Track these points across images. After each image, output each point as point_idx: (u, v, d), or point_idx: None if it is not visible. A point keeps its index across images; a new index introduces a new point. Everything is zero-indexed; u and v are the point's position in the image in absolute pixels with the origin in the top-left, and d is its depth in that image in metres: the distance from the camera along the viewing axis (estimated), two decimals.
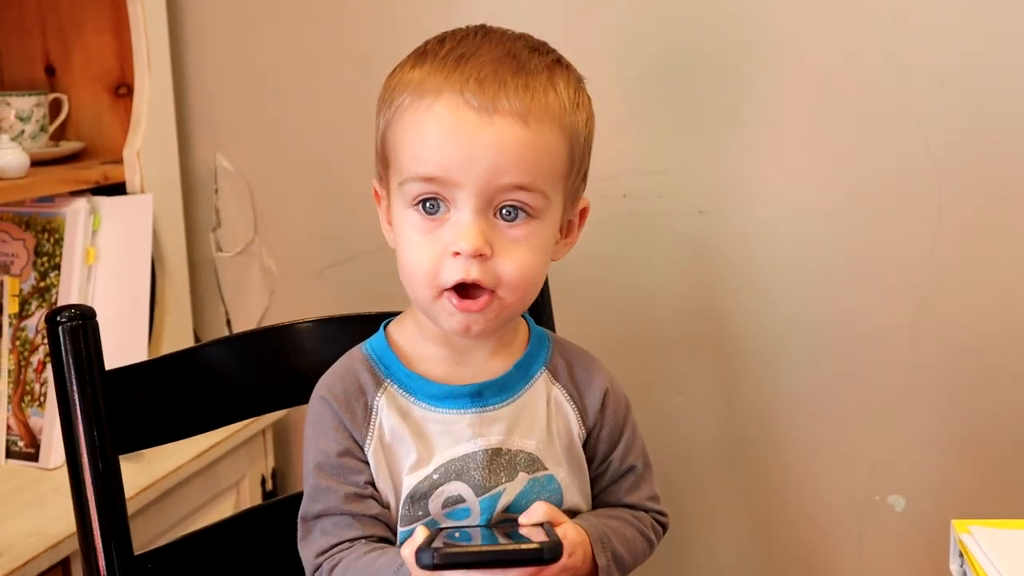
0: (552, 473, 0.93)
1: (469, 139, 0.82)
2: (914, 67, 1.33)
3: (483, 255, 0.84)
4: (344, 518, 0.91)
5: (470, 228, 0.84)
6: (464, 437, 0.91)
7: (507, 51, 0.87)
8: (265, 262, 1.63)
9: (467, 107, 0.83)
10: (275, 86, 1.57)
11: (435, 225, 0.85)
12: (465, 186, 0.83)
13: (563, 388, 0.96)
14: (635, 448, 0.99)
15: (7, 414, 1.40)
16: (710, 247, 1.44)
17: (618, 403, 0.98)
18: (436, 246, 0.85)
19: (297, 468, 1.67)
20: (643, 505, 0.99)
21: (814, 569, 1.50)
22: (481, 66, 0.84)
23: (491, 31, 0.90)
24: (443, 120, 0.83)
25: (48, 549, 1.14)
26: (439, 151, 0.83)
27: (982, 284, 1.36)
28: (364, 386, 0.93)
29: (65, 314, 0.94)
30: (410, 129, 0.85)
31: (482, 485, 0.91)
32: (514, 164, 0.83)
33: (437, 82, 0.84)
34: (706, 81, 1.41)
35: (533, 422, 0.93)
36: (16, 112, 1.48)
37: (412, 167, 0.85)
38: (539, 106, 0.85)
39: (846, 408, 1.43)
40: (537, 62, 0.87)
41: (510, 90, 0.83)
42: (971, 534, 0.92)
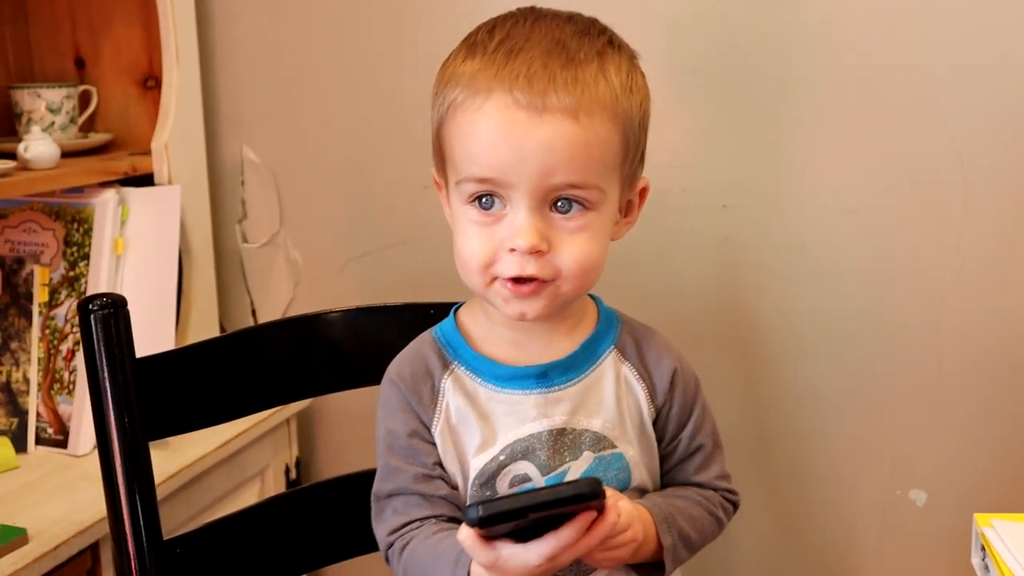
0: (621, 451, 0.94)
1: (520, 139, 0.83)
2: (940, 63, 1.33)
3: (540, 251, 0.85)
4: (414, 498, 0.93)
5: (526, 226, 0.85)
6: (529, 417, 0.92)
7: (556, 40, 0.86)
8: (290, 253, 1.64)
9: (517, 106, 0.83)
10: (301, 79, 1.58)
11: (491, 220, 0.87)
12: (519, 186, 0.84)
13: (632, 367, 0.96)
14: (704, 427, 1.00)
15: (37, 401, 1.41)
16: (733, 241, 1.45)
17: (687, 382, 0.98)
18: (492, 240, 0.87)
19: (320, 457, 1.68)
20: (712, 484, 1.00)
21: (834, 562, 1.50)
22: (530, 61, 0.84)
23: (541, 15, 0.90)
24: (494, 120, 0.84)
25: (78, 534, 1.16)
26: (491, 152, 0.84)
27: (1006, 281, 1.36)
28: (431, 368, 0.95)
29: (97, 302, 0.95)
30: (463, 128, 0.86)
31: (547, 464, 0.92)
32: (565, 163, 0.84)
33: (488, 79, 0.85)
34: (732, 78, 1.41)
35: (600, 401, 0.94)
36: (47, 104, 1.50)
37: (466, 168, 0.86)
38: (589, 99, 0.85)
39: (868, 403, 1.43)
40: (587, 49, 0.87)
41: (559, 85, 0.83)
42: (993, 528, 0.93)
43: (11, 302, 1.44)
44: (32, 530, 1.15)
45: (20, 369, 1.42)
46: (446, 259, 0.98)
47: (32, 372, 1.42)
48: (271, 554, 1.10)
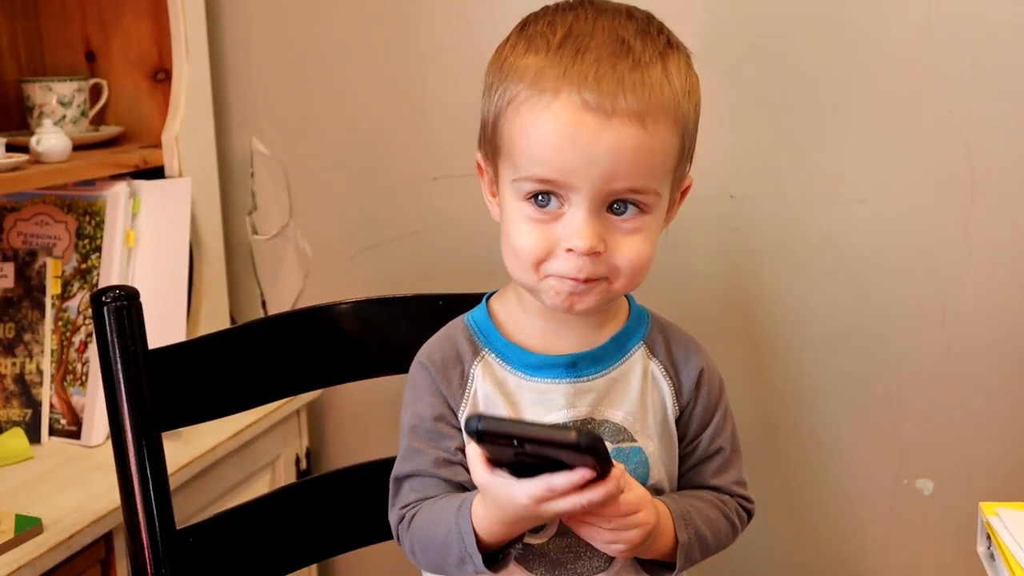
0: (640, 446, 0.94)
1: (587, 142, 0.82)
2: (947, 52, 1.34)
3: (597, 252, 0.85)
4: (432, 479, 0.94)
5: (585, 228, 0.84)
6: (557, 406, 0.93)
7: (620, 39, 0.85)
8: (300, 245, 1.65)
9: (585, 108, 0.82)
10: (311, 72, 1.59)
11: (548, 218, 0.86)
12: (581, 189, 0.84)
13: (660, 364, 0.97)
14: (725, 431, 1.00)
15: (50, 393, 1.43)
16: (740, 231, 1.45)
17: (712, 384, 0.99)
18: (549, 237, 0.86)
19: (330, 448, 1.70)
20: (728, 488, 1.00)
21: (841, 551, 1.51)
22: (598, 61, 0.83)
23: (601, 9, 0.89)
24: (562, 122, 0.83)
25: (91, 524, 1.17)
26: (557, 154, 0.83)
27: (1013, 270, 1.37)
28: (462, 354, 0.95)
29: (110, 294, 0.97)
30: (527, 127, 0.85)
31: None
32: (629, 169, 0.84)
33: (554, 77, 0.83)
34: (741, 69, 1.41)
35: (625, 394, 0.94)
36: (58, 97, 1.51)
37: (528, 167, 0.85)
38: (655, 104, 0.84)
39: (875, 392, 1.44)
40: (651, 50, 0.86)
41: (627, 88, 0.83)
42: (999, 516, 0.94)
43: (24, 294, 1.45)
44: (47, 520, 1.16)
45: (33, 360, 1.44)
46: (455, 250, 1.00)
47: (45, 364, 1.44)
48: (282, 543, 1.11)
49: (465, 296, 1.11)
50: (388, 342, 1.14)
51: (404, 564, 1.62)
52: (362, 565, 1.68)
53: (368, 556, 1.28)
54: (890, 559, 1.48)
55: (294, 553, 1.12)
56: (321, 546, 1.15)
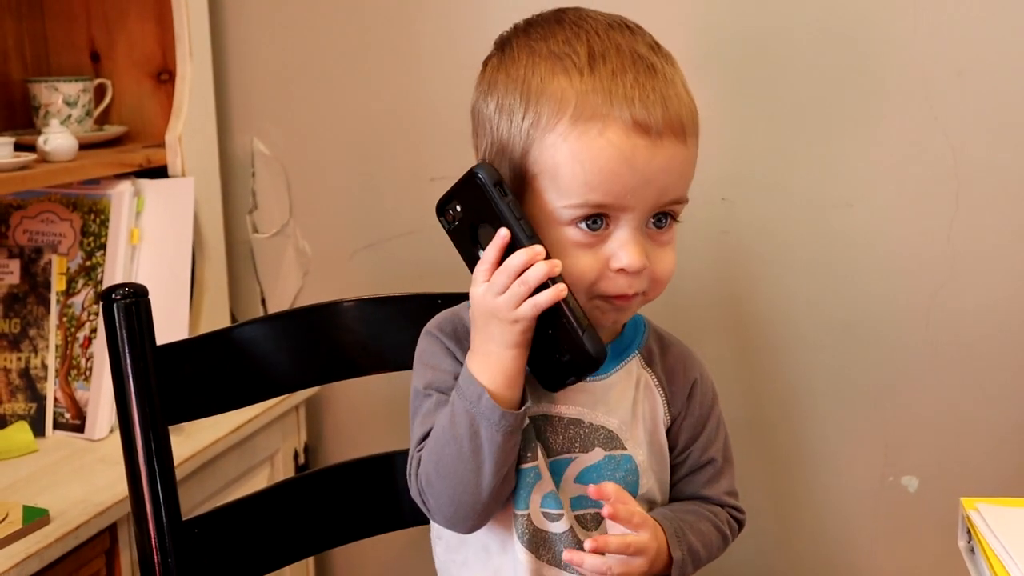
0: (631, 454, 0.95)
1: (643, 165, 0.84)
2: (933, 60, 1.37)
3: (645, 268, 0.87)
4: None
5: (634, 247, 0.86)
6: (548, 399, 0.94)
7: (639, 55, 0.87)
8: (300, 244, 1.68)
9: (637, 131, 0.84)
10: (311, 73, 1.62)
11: (596, 240, 0.87)
12: (635, 208, 0.86)
13: (653, 374, 0.98)
14: (717, 441, 1.01)
15: (54, 387, 1.46)
16: (732, 233, 1.48)
17: (705, 395, 1.00)
18: (598, 259, 0.87)
19: (328, 443, 1.72)
20: (719, 499, 1.01)
21: (828, 546, 1.54)
22: (636, 81, 0.85)
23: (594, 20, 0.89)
24: (617, 148, 0.84)
25: (97, 515, 1.20)
26: (615, 179, 0.84)
27: (996, 273, 1.40)
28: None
29: (120, 292, 0.99)
30: (581, 155, 0.85)
31: (554, 448, 0.94)
32: (676, 182, 0.87)
33: (601, 103, 0.84)
34: (730, 73, 1.44)
35: (620, 401, 0.96)
36: (63, 97, 1.54)
37: (582, 194, 0.85)
38: (688, 117, 0.88)
39: (861, 391, 1.47)
40: (668, 66, 0.88)
41: (668, 106, 0.85)
42: (978, 511, 0.96)
43: (29, 290, 1.48)
44: (53, 511, 1.19)
45: (38, 356, 1.47)
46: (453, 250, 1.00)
47: (50, 359, 1.46)
48: (283, 536, 1.14)
49: (463, 295, 1.13)
50: (385, 340, 1.17)
51: (399, 556, 1.67)
52: (358, 557, 1.71)
53: (364, 549, 1.30)
54: (876, 554, 1.52)
55: (294, 545, 1.15)
56: (320, 538, 1.17)
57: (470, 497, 0.88)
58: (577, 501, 0.94)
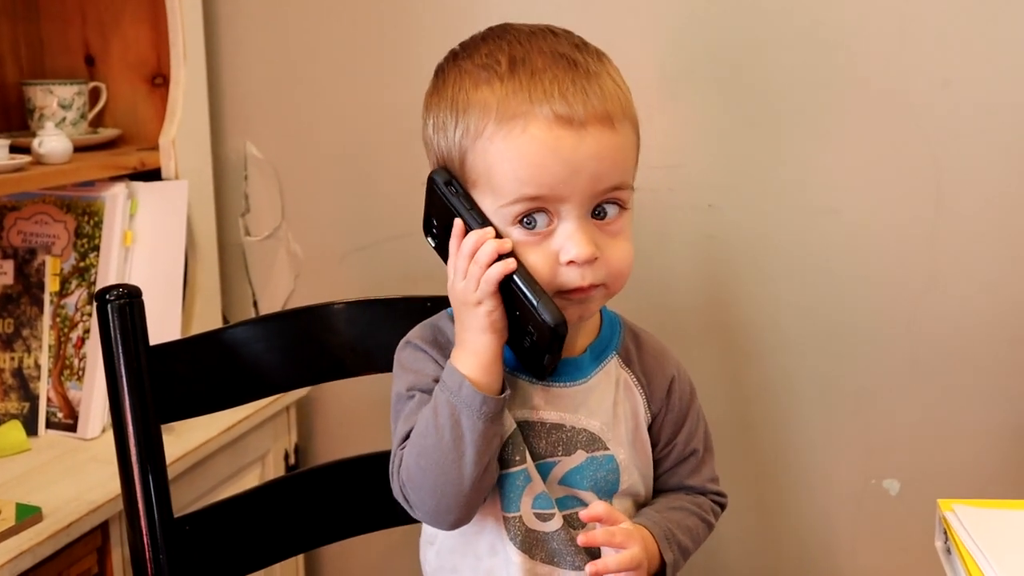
0: (612, 454, 0.97)
1: (569, 155, 0.87)
2: (918, 71, 1.39)
3: (595, 258, 0.89)
4: None
5: (580, 236, 0.88)
6: (527, 404, 0.96)
7: (562, 55, 0.90)
8: (291, 246, 1.70)
9: (559, 123, 0.87)
10: (304, 78, 1.64)
11: (540, 237, 0.89)
12: (570, 198, 0.88)
13: (632, 373, 1.00)
14: (698, 433, 1.04)
15: (47, 387, 1.47)
16: (718, 239, 1.50)
17: (684, 390, 1.03)
18: (547, 256, 0.89)
19: (318, 444, 1.74)
20: (703, 487, 1.05)
21: (811, 548, 1.56)
22: (557, 78, 0.88)
23: (528, 32, 0.93)
24: (542, 141, 0.87)
25: (89, 512, 1.21)
26: (543, 171, 0.87)
27: (977, 279, 1.42)
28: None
29: (114, 292, 1.01)
30: (507, 153, 0.88)
31: (538, 453, 0.96)
32: (610, 169, 0.89)
33: (521, 102, 0.87)
34: (719, 83, 1.46)
35: (600, 403, 0.98)
36: (58, 100, 1.55)
37: (515, 189, 0.88)
38: (614, 105, 0.89)
39: (845, 394, 1.49)
40: (592, 60, 0.91)
41: (591, 97, 0.88)
42: (955, 513, 0.98)
43: (23, 291, 1.49)
44: (46, 509, 1.20)
45: (31, 355, 1.48)
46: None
47: (43, 358, 1.48)
48: (274, 533, 1.16)
49: None
50: (375, 342, 1.18)
51: (388, 555, 1.68)
52: (347, 555, 1.72)
53: (353, 547, 1.32)
54: (857, 555, 1.54)
55: (284, 542, 1.17)
56: (310, 536, 1.19)
57: (452, 488, 0.90)
58: (563, 501, 0.97)
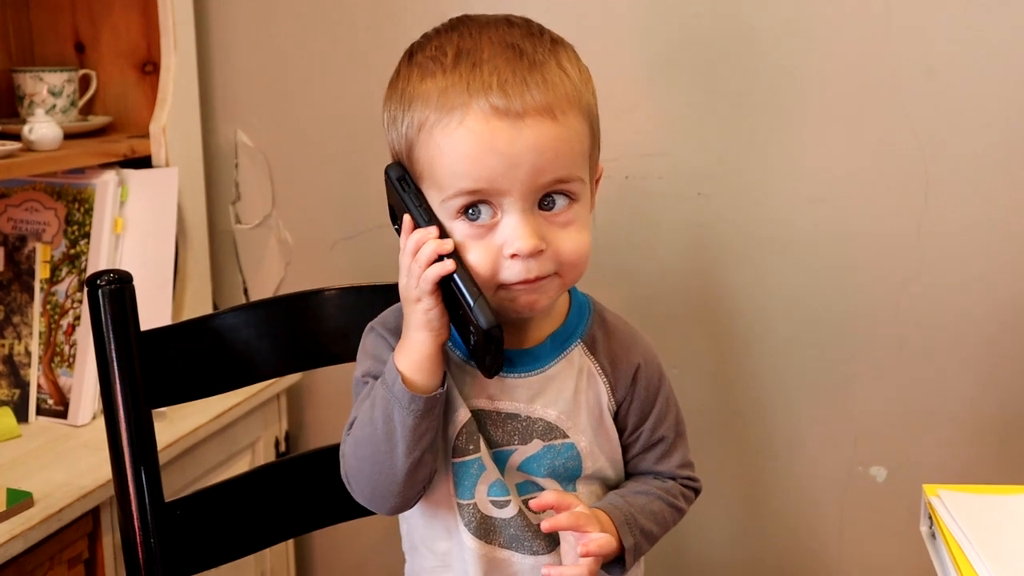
0: (573, 442, 0.98)
1: (506, 146, 0.86)
2: (903, 60, 1.40)
3: (540, 251, 0.88)
4: None
5: (523, 229, 0.88)
6: (485, 395, 0.97)
7: (510, 44, 0.89)
8: (282, 234, 1.70)
9: (497, 115, 0.86)
10: (295, 66, 1.64)
11: (483, 230, 0.89)
12: (510, 191, 0.87)
13: (596, 361, 0.99)
14: (667, 420, 1.03)
15: (38, 374, 1.47)
16: (707, 227, 1.51)
17: (651, 377, 1.01)
18: (491, 249, 0.89)
19: (309, 431, 1.75)
20: (672, 473, 1.03)
21: (798, 535, 1.57)
22: (497, 69, 0.87)
23: (481, 23, 0.92)
24: (477, 134, 0.86)
25: (80, 498, 1.22)
26: (480, 165, 0.86)
27: (964, 269, 1.43)
28: None
29: (105, 278, 1.01)
30: (444, 147, 0.87)
31: (495, 441, 0.97)
32: (552, 161, 0.87)
33: (460, 94, 0.87)
34: (707, 71, 1.47)
35: (559, 392, 0.97)
36: (48, 87, 1.55)
37: (455, 183, 0.88)
38: (560, 96, 0.88)
39: (832, 383, 1.51)
40: (541, 49, 0.89)
41: (531, 87, 0.86)
42: (940, 498, 0.99)
43: (14, 278, 1.49)
44: (37, 494, 1.20)
45: (22, 342, 1.48)
46: None
47: (33, 345, 1.48)
48: (265, 518, 1.16)
49: None
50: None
51: (375, 539, 1.69)
52: (336, 541, 1.73)
53: (342, 532, 1.33)
54: (844, 541, 1.55)
55: (275, 528, 1.17)
56: (300, 522, 1.19)
57: (385, 478, 0.92)
58: (523, 487, 0.98)
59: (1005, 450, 1.46)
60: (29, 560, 1.17)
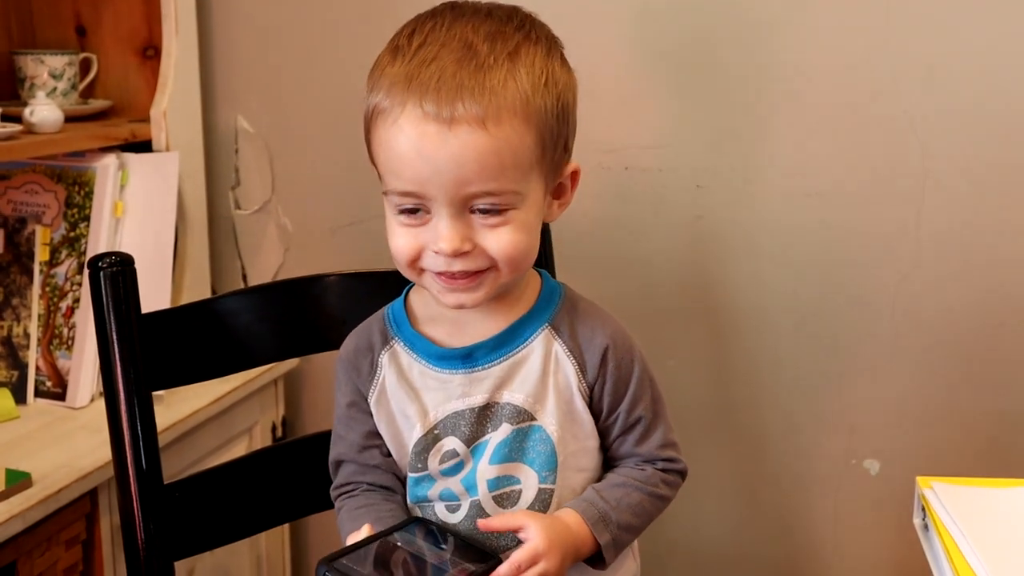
0: (541, 424, 0.98)
1: (432, 153, 0.86)
2: (904, 58, 1.40)
3: (464, 253, 0.90)
4: (352, 465, 1.04)
5: (447, 232, 0.89)
6: (455, 395, 0.98)
7: (467, 44, 0.88)
8: (281, 220, 1.70)
9: (427, 119, 0.86)
10: (296, 52, 1.64)
11: (417, 223, 0.91)
12: (437, 197, 0.88)
13: (563, 344, 0.99)
14: (643, 401, 1.02)
15: (36, 356, 1.48)
16: (706, 219, 1.52)
17: (621, 358, 1.00)
18: (418, 240, 0.91)
19: (305, 417, 1.75)
20: (651, 454, 1.02)
21: (792, 526, 1.58)
22: (441, 70, 0.86)
23: (460, 14, 0.92)
24: (408, 136, 0.87)
25: (79, 479, 1.22)
26: (409, 168, 0.88)
27: (960, 265, 1.44)
28: (373, 344, 1.02)
29: (106, 260, 1.02)
30: (384, 141, 0.90)
31: (471, 437, 0.98)
32: (477, 173, 0.87)
33: (402, 91, 0.87)
34: (707, 65, 1.47)
35: (526, 377, 0.98)
36: (49, 70, 1.56)
37: (390, 182, 0.91)
38: (497, 106, 0.86)
39: (827, 375, 1.51)
40: (499, 51, 0.88)
41: (466, 95, 0.86)
42: (933, 490, 1.00)
43: (13, 260, 1.50)
44: (35, 475, 1.21)
45: (21, 324, 1.49)
46: None
47: (32, 327, 1.48)
48: (262, 502, 1.17)
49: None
50: (365, 316, 1.18)
51: None
52: (332, 526, 1.72)
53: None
54: (837, 533, 1.56)
55: (272, 511, 1.18)
56: (296, 506, 1.20)
57: None
58: (494, 482, 0.98)
59: (997, 445, 1.47)
60: (27, 540, 1.17)
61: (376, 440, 1.03)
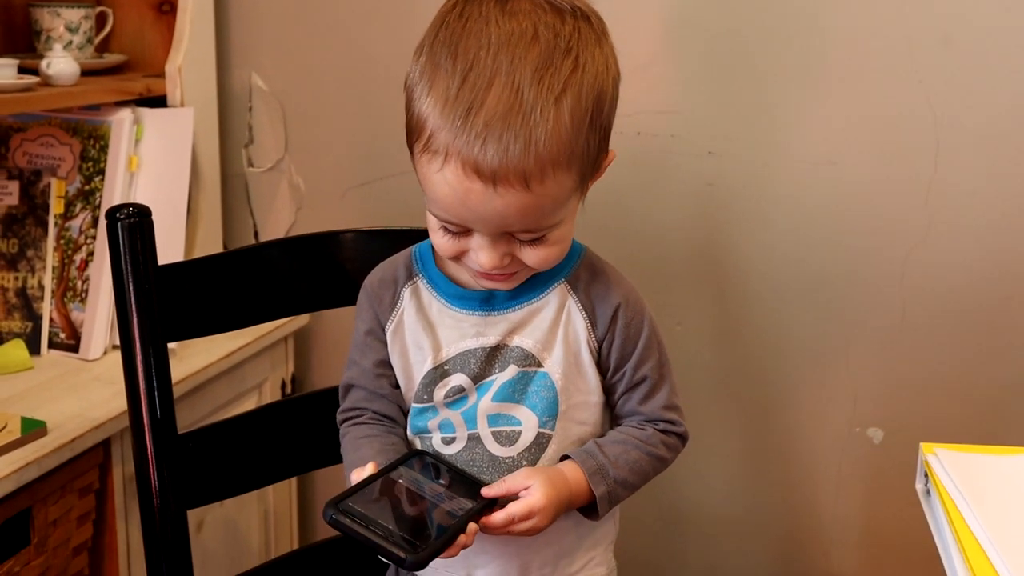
0: (546, 371, 1.01)
1: (476, 207, 0.89)
2: (919, 26, 1.40)
3: (504, 265, 0.94)
4: (362, 391, 1.08)
5: (488, 252, 0.93)
6: (469, 335, 1.02)
7: (515, 89, 0.87)
8: (294, 179, 1.71)
9: (473, 176, 0.87)
10: (311, 11, 1.64)
11: (459, 232, 0.94)
12: (480, 229, 0.93)
13: (577, 299, 1.03)
14: (649, 360, 1.05)
15: (50, 308, 1.49)
16: (717, 186, 1.52)
17: (631, 317, 1.03)
18: (459, 245, 0.95)
19: (314, 374, 1.77)
20: (654, 414, 1.05)
21: (795, 493, 1.59)
22: (487, 126, 0.86)
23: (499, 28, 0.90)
24: (452, 187, 0.89)
25: (92, 429, 1.24)
26: (452, 211, 0.91)
27: (970, 237, 1.44)
28: (398, 278, 1.06)
29: (124, 211, 1.03)
30: (426, 176, 0.92)
31: (478, 375, 1.02)
32: (520, 220, 0.91)
33: (445, 143, 0.88)
34: (722, 31, 1.47)
35: (538, 325, 1.02)
36: (65, 23, 1.56)
37: (432, 206, 0.94)
38: (541, 164, 0.88)
39: (833, 343, 1.52)
40: (546, 95, 0.88)
41: (511, 158, 0.86)
42: (936, 455, 1.01)
43: (28, 212, 1.51)
44: (50, 424, 1.23)
45: (35, 276, 1.50)
46: None
47: (47, 279, 1.50)
48: (273, 454, 1.19)
49: None
50: None
51: None
52: (338, 481, 1.74)
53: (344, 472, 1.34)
54: (841, 501, 1.57)
55: (282, 464, 1.20)
56: (305, 460, 1.22)
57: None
58: (494, 418, 1.02)
59: (1001, 415, 1.48)
60: (42, 487, 1.19)
61: (387, 370, 1.07)
